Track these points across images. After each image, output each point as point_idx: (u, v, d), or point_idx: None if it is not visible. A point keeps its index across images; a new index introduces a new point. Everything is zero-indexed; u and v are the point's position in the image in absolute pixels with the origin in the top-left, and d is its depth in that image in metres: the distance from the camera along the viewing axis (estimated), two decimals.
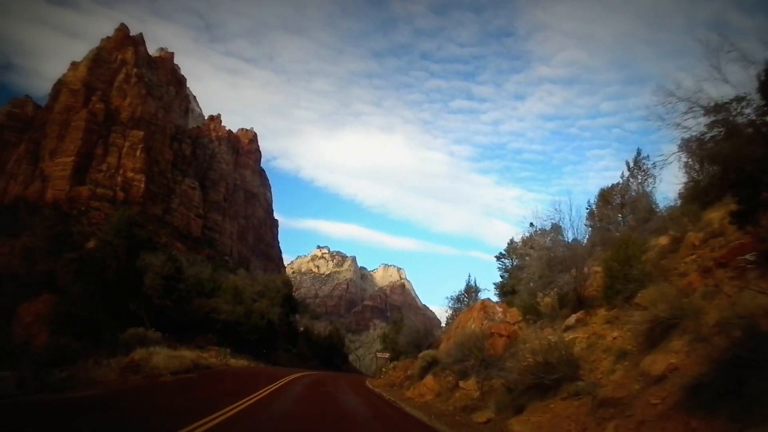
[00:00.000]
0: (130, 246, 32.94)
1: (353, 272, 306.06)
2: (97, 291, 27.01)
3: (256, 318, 51.71)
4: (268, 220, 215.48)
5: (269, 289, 63.39)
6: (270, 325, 54.63)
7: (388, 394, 25.04)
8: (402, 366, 33.48)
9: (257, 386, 18.92)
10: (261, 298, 58.60)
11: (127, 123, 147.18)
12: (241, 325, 48.89)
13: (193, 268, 59.04)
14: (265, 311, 54.76)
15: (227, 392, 17.32)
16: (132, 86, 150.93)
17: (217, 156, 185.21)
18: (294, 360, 63.23)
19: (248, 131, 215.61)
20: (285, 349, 63.99)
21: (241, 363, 38.28)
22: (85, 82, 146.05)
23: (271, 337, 55.66)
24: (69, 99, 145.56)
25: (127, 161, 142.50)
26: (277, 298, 61.19)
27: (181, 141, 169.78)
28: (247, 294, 56.71)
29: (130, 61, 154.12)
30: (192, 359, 24.94)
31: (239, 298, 52.99)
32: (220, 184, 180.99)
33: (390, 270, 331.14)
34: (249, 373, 29.13)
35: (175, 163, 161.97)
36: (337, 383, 29.77)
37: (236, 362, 37.37)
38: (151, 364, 20.28)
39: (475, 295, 39.84)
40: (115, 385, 16.69)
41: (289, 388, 21.51)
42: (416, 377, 25.03)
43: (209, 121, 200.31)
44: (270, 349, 55.57)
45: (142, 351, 21.84)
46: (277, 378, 25.28)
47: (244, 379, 24.72)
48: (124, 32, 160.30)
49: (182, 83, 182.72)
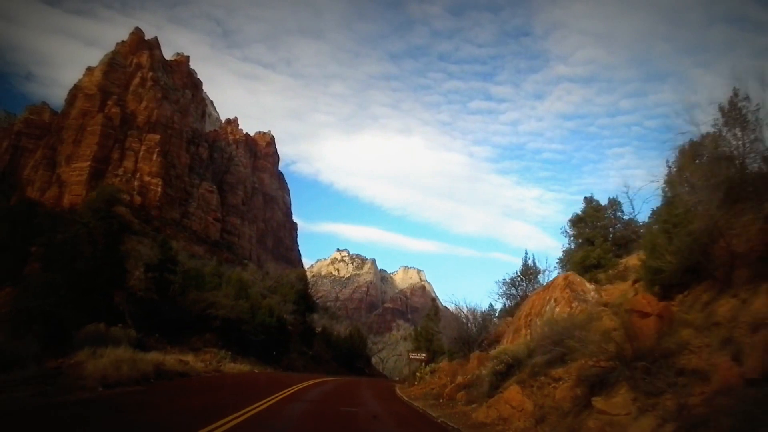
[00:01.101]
0: (109, 228, 28.30)
1: (373, 275, 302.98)
2: (64, 282, 23.22)
3: (264, 315, 46.21)
4: (287, 223, 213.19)
5: (282, 285, 58.28)
6: (281, 324, 49.18)
7: (438, 412, 17.76)
8: (447, 369, 27.05)
9: (237, 405, 13.47)
10: (272, 295, 53.61)
11: (143, 127, 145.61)
12: (245, 324, 43.32)
13: (193, 261, 54.17)
14: (276, 308, 49.11)
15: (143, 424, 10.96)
16: (147, 90, 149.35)
17: (235, 159, 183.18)
18: (309, 364, 57.91)
19: (265, 134, 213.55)
20: (300, 352, 58.45)
21: (241, 368, 33.55)
22: (100, 87, 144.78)
23: (282, 338, 50.24)
24: (85, 104, 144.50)
25: (144, 165, 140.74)
26: (290, 295, 55.94)
27: (198, 144, 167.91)
28: (255, 289, 51.53)
29: (145, 65, 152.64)
30: (155, 364, 20.10)
31: (245, 293, 47.42)
32: (238, 188, 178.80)
33: (410, 272, 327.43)
34: (239, 383, 23.81)
35: (193, 167, 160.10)
36: (360, 395, 24.08)
37: (234, 367, 32.64)
38: (85, 371, 15.61)
39: (533, 277, 34.04)
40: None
41: (286, 407, 15.66)
42: (484, 387, 17.36)
43: (226, 124, 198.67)
44: (281, 352, 50.26)
45: (85, 352, 17.62)
46: (277, 389, 19.82)
47: (223, 392, 19.42)
48: (139, 36, 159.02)
49: (198, 87, 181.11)
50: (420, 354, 37.38)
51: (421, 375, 31.90)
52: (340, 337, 74.07)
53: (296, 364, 52.39)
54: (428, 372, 31.55)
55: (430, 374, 30.86)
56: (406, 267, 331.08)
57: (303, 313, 59.48)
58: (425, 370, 32.33)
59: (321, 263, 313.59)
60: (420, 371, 32.96)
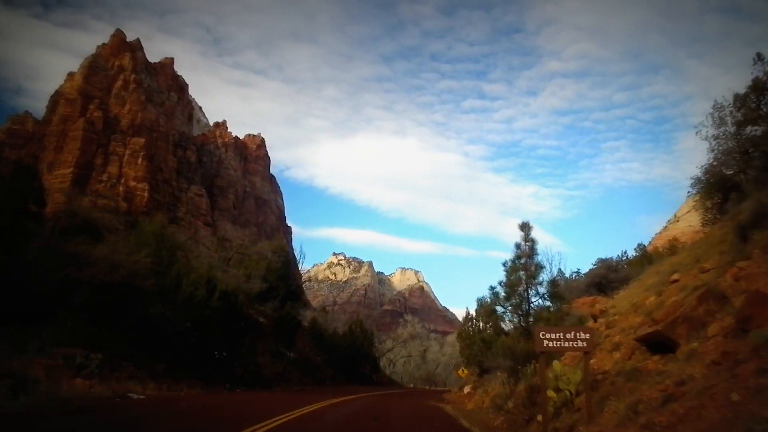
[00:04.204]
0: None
1: (370, 277, 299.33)
2: None
3: (194, 287, 29.27)
4: (280, 227, 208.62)
5: (251, 260, 44.38)
6: (232, 308, 32.95)
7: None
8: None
9: None
10: (231, 269, 39.45)
11: (127, 131, 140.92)
12: (156, 301, 26.18)
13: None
14: (228, 284, 33.20)
15: None
16: (131, 93, 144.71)
17: (225, 162, 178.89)
18: (290, 372, 42.02)
19: (255, 137, 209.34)
20: (275, 354, 43.67)
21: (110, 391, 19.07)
22: (81, 91, 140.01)
23: (237, 331, 33.64)
24: (66, 109, 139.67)
25: (129, 170, 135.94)
26: (257, 269, 42.72)
27: (185, 148, 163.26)
28: (202, 260, 36.39)
29: (127, 68, 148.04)
30: None
31: (167, 254, 30.93)
32: (228, 191, 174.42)
33: (408, 273, 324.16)
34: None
35: (180, 171, 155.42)
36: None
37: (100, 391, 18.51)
38: None
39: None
40: None
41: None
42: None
43: (215, 127, 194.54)
44: (234, 353, 33.55)
45: None
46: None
47: None
48: (121, 38, 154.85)
49: (184, 89, 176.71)
50: None
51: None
52: (337, 334, 59.86)
53: (266, 374, 37.42)
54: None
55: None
56: (403, 268, 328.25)
57: (282, 301, 46.11)
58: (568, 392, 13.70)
59: (317, 268, 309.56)
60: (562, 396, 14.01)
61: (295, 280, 54.93)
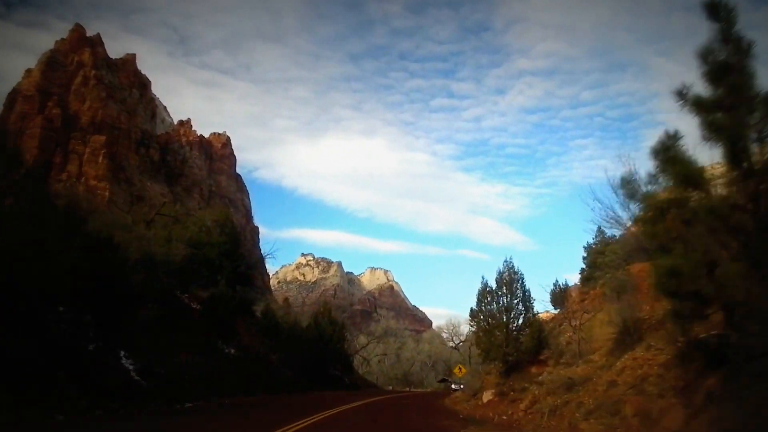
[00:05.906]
0: None
1: (340, 277, 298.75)
2: None
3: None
4: (247, 226, 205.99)
5: (183, 226, 36.10)
6: (119, 266, 21.87)
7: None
8: None
9: None
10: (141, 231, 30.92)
11: (87, 128, 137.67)
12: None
13: None
14: (125, 240, 24.63)
15: None
16: (91, 89, 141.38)
17: (189, 161, 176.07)
18: (226, 374, 29.56)
19: (221, 135, 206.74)
20: (209, 349, 32.06)
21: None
22: (39, 88, 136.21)
23: (123, 304, 21.21)
24: (23, 106, 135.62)
25: (89, 168, 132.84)
26: (181, 235, 34.78)
27: (148, 146, 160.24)
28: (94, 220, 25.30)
29: (87, 63, 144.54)
30: None
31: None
32: (193, 191, 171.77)
33: (377, 273, 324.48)
34: None
35: (143, 170, 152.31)
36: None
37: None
38: None
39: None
40: None
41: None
42: None
43: (179, 126, 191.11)
44: (116, 342, 21.47)
45: None
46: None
47: None
48: (80, 33, 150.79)
49: (147, 86, 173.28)
50: None
51: None
52: (299, 326, 51.30)
53: (188, 378, 24.75)
54: None
55: None
56: (373, 268, 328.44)
57: (230, 285, 37.38)
58: None
59: (286, 269, 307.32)
60: None
61: (245, 261, 44.60)
